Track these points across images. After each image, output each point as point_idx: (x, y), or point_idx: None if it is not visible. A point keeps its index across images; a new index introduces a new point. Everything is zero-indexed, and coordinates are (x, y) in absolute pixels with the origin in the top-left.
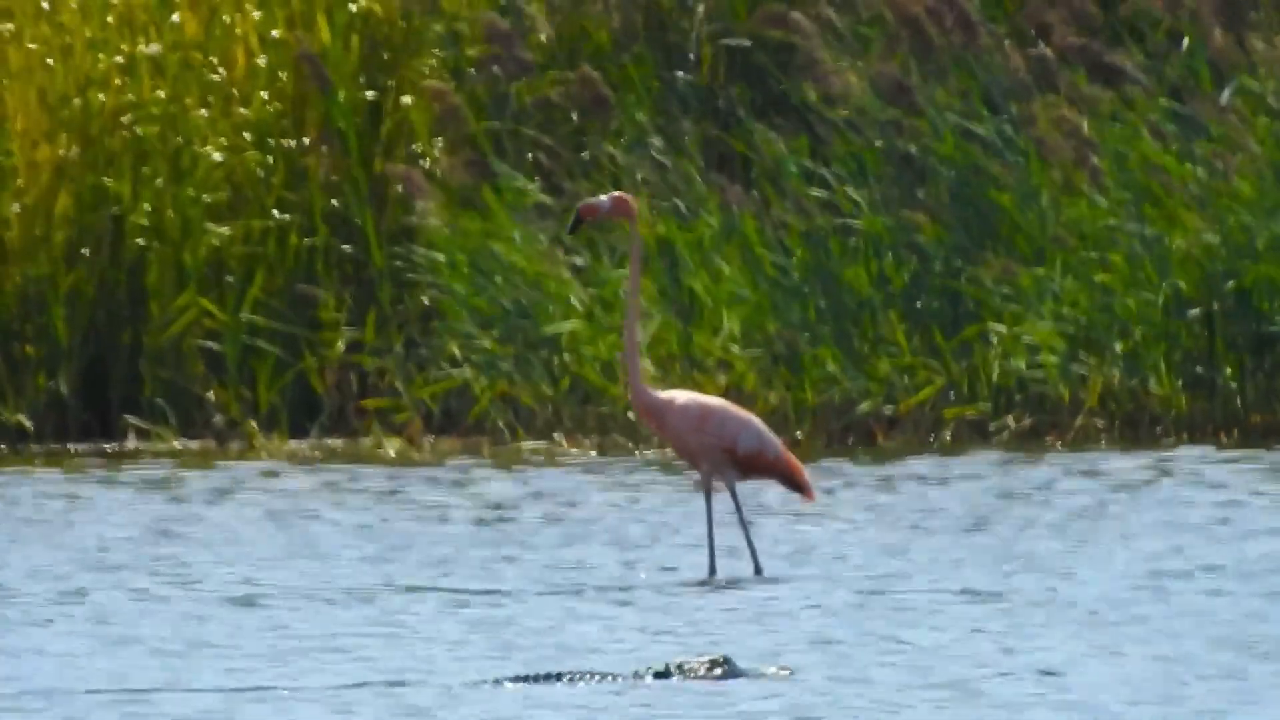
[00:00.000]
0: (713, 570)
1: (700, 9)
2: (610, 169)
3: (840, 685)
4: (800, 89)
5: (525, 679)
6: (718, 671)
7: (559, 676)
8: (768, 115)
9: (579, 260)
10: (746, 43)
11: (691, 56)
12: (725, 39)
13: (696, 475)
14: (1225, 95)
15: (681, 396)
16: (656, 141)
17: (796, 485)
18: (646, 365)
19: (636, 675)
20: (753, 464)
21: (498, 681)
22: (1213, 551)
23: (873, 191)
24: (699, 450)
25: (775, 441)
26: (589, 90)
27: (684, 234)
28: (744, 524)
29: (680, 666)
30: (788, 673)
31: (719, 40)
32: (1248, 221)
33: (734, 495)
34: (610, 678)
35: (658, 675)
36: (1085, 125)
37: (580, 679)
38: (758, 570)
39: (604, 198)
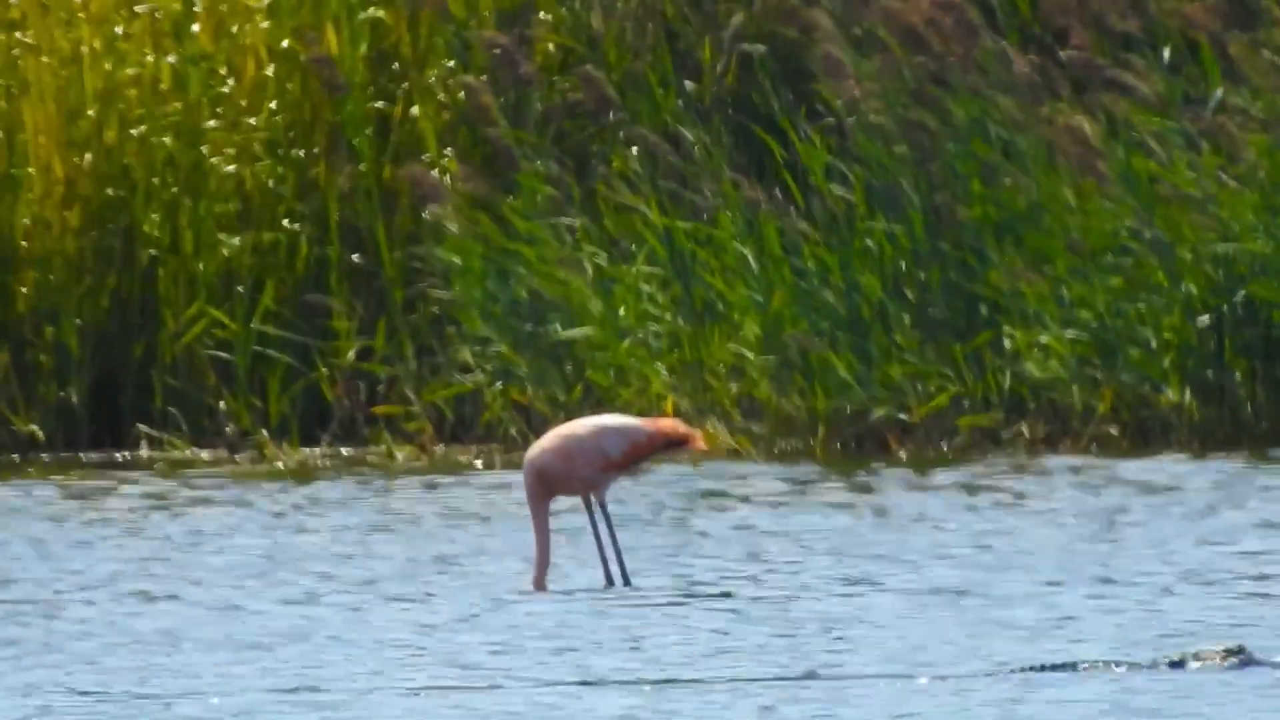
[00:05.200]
0: (609, 581)
1: (728, 12)
2: (624, 173)
3: None
4: (821, 90)
5: (1034, 669)
6: (1233, 660)
7: (1071, 666)
8: (787, 117)
9: (600, 261)
10: (761, 47)
11: (718, 66)
12: (742, 43)
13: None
14: (1209, 107)
15: (535, 459)
16: (675, 143)
17: (680, 443)
18: (660, 371)
19: (1154, 665)
20: (637, 455)
21: (993, 674)
22: None
23: (891, 194)
24: (598, 483)
25: (634, 422)
26: (593, 92)
27: (699, 237)
28: (609, 535)
29: (1197, 655)
30: None
31: (736, 44)
32: (1254, 230)
33: (602, 506)
34: (1124, 667)
35: (1173, 664)
36: (1091, 131)
37: (1092, 669)
38: (625, 581)
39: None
